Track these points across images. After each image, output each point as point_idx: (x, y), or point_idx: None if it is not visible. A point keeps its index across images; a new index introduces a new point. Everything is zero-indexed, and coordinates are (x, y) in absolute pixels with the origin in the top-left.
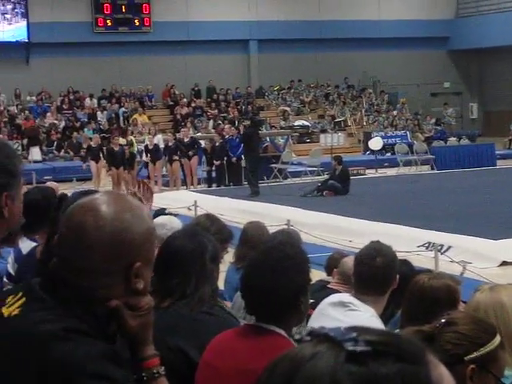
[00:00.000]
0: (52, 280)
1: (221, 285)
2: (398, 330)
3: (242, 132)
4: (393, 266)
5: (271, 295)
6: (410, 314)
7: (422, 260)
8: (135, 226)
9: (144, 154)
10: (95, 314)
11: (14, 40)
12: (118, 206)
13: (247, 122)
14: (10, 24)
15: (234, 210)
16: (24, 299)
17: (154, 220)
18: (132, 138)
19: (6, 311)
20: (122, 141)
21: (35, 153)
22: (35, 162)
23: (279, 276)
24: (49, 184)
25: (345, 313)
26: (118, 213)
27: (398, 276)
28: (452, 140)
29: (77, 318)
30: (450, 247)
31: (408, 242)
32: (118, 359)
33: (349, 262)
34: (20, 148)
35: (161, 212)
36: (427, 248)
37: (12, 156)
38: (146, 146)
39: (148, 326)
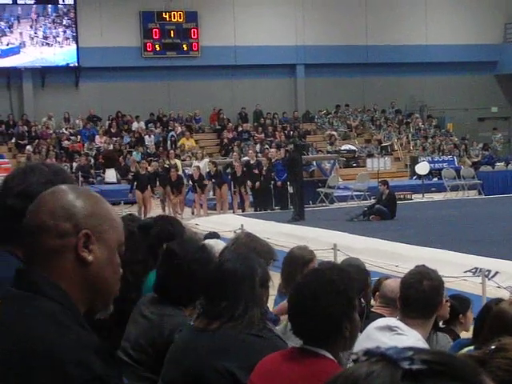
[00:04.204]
0: (19, 273)
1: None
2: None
3: (284, 156)
4: (439, 290)
5: (312, 319)
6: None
7: (469, 285)
8: (83, 201)
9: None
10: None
11: (65, 63)
12: (70, 188)
13: (290, 147)
14: (62, 47)
15: (280, 234)
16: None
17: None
18: (177, 161)
19: None
20: (166, 163)
21: (110, 174)
22: (109, 183)
23: (319, 300)
24: None
25: (391, 337)
26: (72, 188)
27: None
28: (500, 165)
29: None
30: (497, 273)
31: (455, 267)
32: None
33: (389, 284)
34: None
35: (213, 235)
36: (474, 273)
37: (68, 181)
38: (192, 176)
39: None
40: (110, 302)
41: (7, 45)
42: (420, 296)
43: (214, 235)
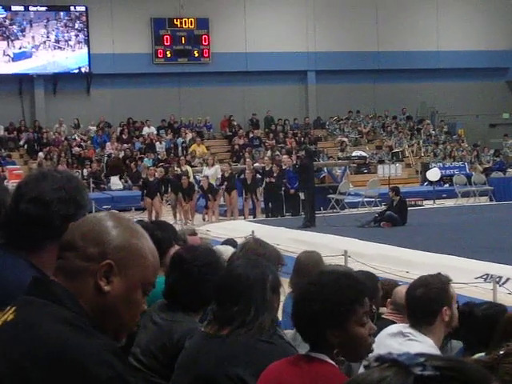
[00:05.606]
0: (37, 281)
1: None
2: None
3: (296, 163)
4: (436, 298)
5: (297, 321)
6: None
7: (479, 292)
8: (119, 231)
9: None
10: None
11: (77, 67)
12: (114, 216)
13: (302, 153)
14: (74, 51)
15: (291, 240)
16: (15, 307)
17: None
18: (188, 167)
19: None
20: (177, 170)
21: (115, 182)
22: (114, 190)
23: (300, 303)
24: None
25: (403, 342)
26: (115, 218)
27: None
28: (511, 171)
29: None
30: (508, 279)
31: (466, 273)
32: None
33: (400, 291)
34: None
35: (230, 242)
36: (485, 280)
37: (80, 188)
38: (202, 187)
39: None
40: (120, 335)
41: (19, 48)
42: (414, 303)
43: (230, 242)
